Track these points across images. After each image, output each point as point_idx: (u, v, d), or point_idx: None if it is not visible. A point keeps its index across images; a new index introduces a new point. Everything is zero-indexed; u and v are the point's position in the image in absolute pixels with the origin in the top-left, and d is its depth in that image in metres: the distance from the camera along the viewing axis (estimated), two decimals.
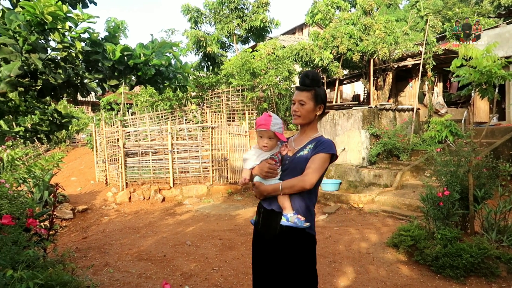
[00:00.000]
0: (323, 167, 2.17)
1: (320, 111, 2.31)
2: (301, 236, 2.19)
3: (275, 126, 2.22)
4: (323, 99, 2.29)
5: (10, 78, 2.05)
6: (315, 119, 2.34)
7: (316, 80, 2.26)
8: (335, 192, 8.50)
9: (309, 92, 2.24)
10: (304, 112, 2.25)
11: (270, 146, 2.25)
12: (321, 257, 4.89)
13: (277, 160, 2.27)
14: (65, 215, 9.06)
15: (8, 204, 3.62)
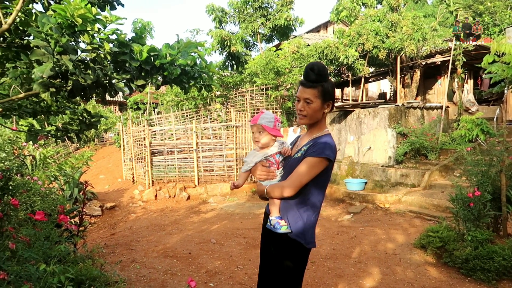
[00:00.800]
0: (310, 172, 1.97)
1: (328, 108, 2.09)
2: (285, 241, 2.06)
3: (263, 120, 2.13)
4: (332, 95, 2.07)
5: (42, 79, 2.12)
6: (323, 117, 2.13)
7: (323, 73, 2.00)
8: (361, 192, 8.38)
9: (315, 88, 2.00)
10: (310, 111, 2.04)
11: (263, 142, 2.15)
12: (346, 257, 4.83)
13: (273, 162, 2.16)
14: (94, 212, 9.32)
15: (40, 201, 3.75)
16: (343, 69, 15.41)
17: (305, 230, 2.06)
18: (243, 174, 2.26)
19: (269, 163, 2.16)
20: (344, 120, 10.16)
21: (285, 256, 2.08)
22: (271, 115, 2.18)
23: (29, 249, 2.15)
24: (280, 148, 2.19)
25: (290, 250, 2.07)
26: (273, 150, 2.17)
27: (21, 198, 2.97)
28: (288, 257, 2.08)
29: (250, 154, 2.25)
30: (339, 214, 7.50)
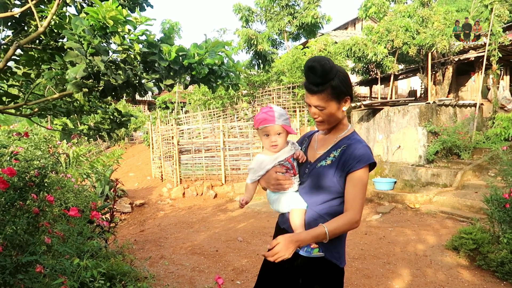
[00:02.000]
0: (365, 188, 1.68)
1: (347, 104, 1.74)
2: (316, 266, 1.72)
3: (281, 118, 1.76)
4: (346, 89, 1.69)
5: (76, 80, 2.19)
6: (344, 115, 1.80)
7: (327, 72, 1.61)
8: (390, 192, 8.22)
9: (323, 92, 1.65)
10: (326, 117, 1.72)
11: (281, 145, 1.79)
12: (374, 258, 4.75)
13: (289, 167, 1.79)
14: (124, 209, 9.55)
15: (73, 198, 3.88)
16: (371, 66, 15.14)
17: (340, 248, 1.78)
18: (251, 186, 1.88)
19: (285, 168, 1.79)
20: (372, 118, 9.98)
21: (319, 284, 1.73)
22: (283, 110, 1.82)
23: (64, 244, 2.22)
24: (293, 150, 1.84)
25: (325, 275, 1.74)
26: (287, 153, 1.81)
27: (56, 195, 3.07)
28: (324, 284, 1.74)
29: (257, 159, 1.86)
30: (367, 214, 7.38)
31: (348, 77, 1.72)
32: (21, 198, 2.19)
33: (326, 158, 1.75)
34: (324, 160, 1.75)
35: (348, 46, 12.68)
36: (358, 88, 18.67)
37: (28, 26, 2.83)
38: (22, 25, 2.81)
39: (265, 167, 1.80)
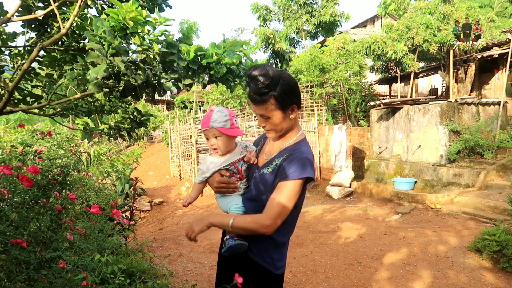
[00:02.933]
0: (293, 199, 1.59)
1: (294, 113, 1.68)
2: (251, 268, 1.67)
3: (216, 121, 1.71)
4: (291, 97, 1.62)
5: (96, 80, 2.23)
6: (294, 122, 1.73)
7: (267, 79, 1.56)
8: (410, 192, 8.08)
9: (266, 103, 1.60)
10: (272, 126, 1.67)
11: (223, 147, 1.75)
12: (394, 259, 4.69)
13: (234, 172, 1.76)
14: (144, 207, 9.69)
15: (94, 196, 3.95)
16: (391, 64, 14.92)
17: (273, 253, 1.69)
18: (197, 186, 1.86)
19: (230, 172, 1.76)
20: (392, 117, 9.83)
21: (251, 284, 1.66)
22: (224, 111, 1.76)
23: (85, 241, 2.27)
24: (243, 154, 1.80)
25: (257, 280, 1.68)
26: (233, 157, 1.78)
27: (78, 193, 3.14)
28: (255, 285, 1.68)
29: (205, 160, 1.85)
30: (386, 214, 7.28)
31: (293, 85, 1.63)
32: (44, 196, 2.24)
33: (269, 166, 1.70)
34: (267, 167, 1.71)
35: (367, 44, 12.54)
36: (377, 87, 18.41)
37: (51, 28, 2.90)
38: (45, 27, 2.88)
39: (211, 169, 1.78)
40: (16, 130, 5.69)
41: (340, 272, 4.37)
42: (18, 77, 2.51)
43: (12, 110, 2.80)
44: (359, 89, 13.65)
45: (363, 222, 6.70)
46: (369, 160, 10.30)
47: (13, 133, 5.06)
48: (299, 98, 1.68)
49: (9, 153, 2.68)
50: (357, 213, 7.52)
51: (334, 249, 5.14)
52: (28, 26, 2.81)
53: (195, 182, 1.86)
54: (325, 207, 8.30)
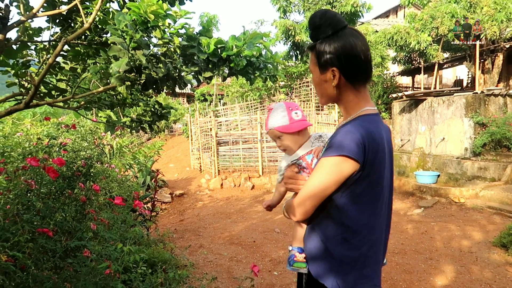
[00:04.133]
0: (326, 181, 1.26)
1: (335, 80, 1.32)
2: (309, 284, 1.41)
3: (272, 121, 1.55)
4: (333, 58, 1.29)
5: (119, 74, 2.26)
6: (343, 91, 1.35)
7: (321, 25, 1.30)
8: (433, 185, 7.93)
9: (311, 53, 1.36)
10: (314, 86, 1.41)
11: (288, 146, 1.55)
12: (415, 253, 4.62)
13: (304, 166, 1.50)
14: (165, 199, 9.84)
15: (117, 187, 4.04)
16: (414, 55, 14.58)
17: (338, 271, 1.32)
18: (279, 187, 1.66)
19: (299, 167, 1.53)
20: (415, 109, 9.64)
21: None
22: (280, 107, 1.57)
23: (109, 231, 2.33)
24: (313, 146, 1.54)
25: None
26: (302, 151, 1.54)
27: (101, 184, 3.21)
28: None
29: (282, 158, 1.64)
30: (408, 208, 7.17)
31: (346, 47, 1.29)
32: (69, 187, 2.31)
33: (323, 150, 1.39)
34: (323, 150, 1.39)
35: (389, 34, 12.28)
36: (399, 78, 18.04)
37: (75, 23, 2.95)
38: (69, 21, 2.94)
39: (282, 167, 1.60)
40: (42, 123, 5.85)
41: None
42: (44, 71, 2.57)
43: (38, 104, 2.87)
44: (381, 81, 13.42)
45: None
46: None
47: (39, 126, 5.21)
48: (347, 64, 1.30)
49: (36, 146, 2.76)
50: None
51: None
52: (53, 21, 2.87)
53: (277, 182, 1.67)
54: None
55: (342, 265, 1.31)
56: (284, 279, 4.02)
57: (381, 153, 1.29)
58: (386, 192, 1.37)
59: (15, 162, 2.57)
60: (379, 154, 1.28)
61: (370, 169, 1.27)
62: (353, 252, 1.30)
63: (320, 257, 1.35)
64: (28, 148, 2.73)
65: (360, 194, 1.28)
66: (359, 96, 1.36)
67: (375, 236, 1.34)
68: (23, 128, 4.94)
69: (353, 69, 1.31)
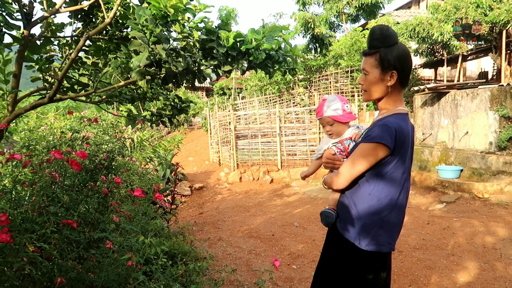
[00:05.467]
0: (362, 162, 1.65)
1: (392, 80, 1.67)
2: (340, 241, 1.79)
3: (328, 110, 1.91)
4: (394, 63, 1.65)
5: (139, 68, 2.29)
6: (390, 93, 1.72)
7: (382, 37, 1.65)
8: (455, 180, 7.76)
9: (372, 56, 1.68)
10: (367, 84, 1.73)
11: (336, 132, 1.94)
12: (437, 249, 4.55)
13: (341, 149, 1.90)
14: (184, 192, 9.95)
15: (138, 180, 4.10)
16: (437, 47, 14.22)
17: (360, 230, 1.71)
18: (315, 162, 2.09)
19: (338, 150, 1.90)
20: (437, 102, 9.42)
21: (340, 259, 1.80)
22: (335, 99, 1.94)
23: (130, 223, 2.37)
24: (352, 134, 1.94)
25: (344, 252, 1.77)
26: (343, 136, 1.94)
27: (122, 177, 3.27)
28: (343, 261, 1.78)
29: (322, 140, 2.06)
30: (430, 203, 7.05)
31: (405, 56, 1.67)
32: (92, 180, 2.36)
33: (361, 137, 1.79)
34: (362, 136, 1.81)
35: (411, 26, 12.00)
36: (421, 71, 17.66)
37: (96, 18, 3.00)
38: (91, 17, 2.98)
39: (323, 147, 1.99)
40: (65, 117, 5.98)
41: None
42: (67, 66, 2.62)
43: (61, 98, 2.94)
44: None
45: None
46: None
47: (63, 120, 5.32)
48: (404, 69, 1.68)
49: (59, 139, 2.82)
50: None
51: None
52: (75, 17, 2.92)
53: (313, 159, 2.11)
54: None
55: (365, 225, 1.70)
56: (303, 273, 4.02)
57: (406, 145, 1.68)
58: (406, 176, 1.73)
59: (40, 155, 2.64)
60: (405, 145, 1.67)
61: (397, 155, 1.65)
62: (374, 216, 1.69)
63: (349, 218, 1.75)
64: (52, 141, 2.80)
65: (386, 173, 1.67)
66: (399, 97, 1.75)
67: (392, 207, 1.70)
68: (47, 122, 5.06)
69: (406, 74, 1.71)
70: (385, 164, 1.66)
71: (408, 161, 1.73)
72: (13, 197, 1.93)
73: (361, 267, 1.73)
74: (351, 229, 1.73)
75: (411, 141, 1.73)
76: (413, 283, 3.73)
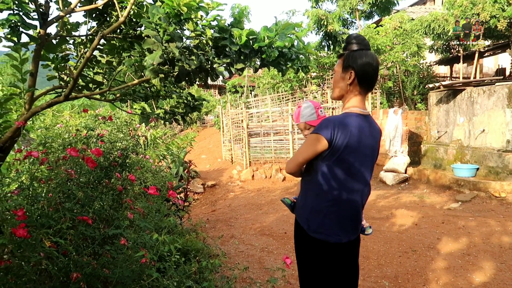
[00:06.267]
0: (307, 150, 1.82)
1: (350, 79, 1.82)
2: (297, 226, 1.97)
3: (304, 117, 2.17)
4: (355, 63, 1.79)
5: (153, 66, 2.31)
6: (350, 91, 1.86)
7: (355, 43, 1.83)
8: (471, 179, 7.63)
9: (340, 58, 1.89)
10: (333, 82, 1.92)
11: None
12: (452, 248, 4.48)
13: None
14: (197, 189, 10.01)
15: (151, 177, 4.14)
16: (452, 43, 13.99)
17: (309, 215, 1.88)
18: None
19: None
20: (453, 100, 9.28)
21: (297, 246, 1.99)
22: (310, 106, 2.19)
23: (144, 220, 2.39)
24: None
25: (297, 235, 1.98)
26: None
27: (136, 174, 3.30)
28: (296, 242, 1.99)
29: None
30: (444, 202, 6.95)
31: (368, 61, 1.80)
32: (106, 177, 2.38)
33: None
34: None
35: (426, 22, 11.84)
36: (436, 68, 17.39)
37: (110, 17, 3.03)
38: (105, 16, 3.01)
39: None
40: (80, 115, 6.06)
41: (394, 259, 4.27)
42: (82, 64, 2.66)
43: (76, 96, 2.98)
44: (417, 71, 12.98)
45: (419, 209, 6.46)
46: (427, 145, 9.84)
47: (78, 117, 5.40)
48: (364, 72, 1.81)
49: (74, 137, 2.87)
50: (413, 200, 7.25)
51: (387, 236, 5.01)
52: (89, 16, 2.95)
53: None
54: (378, 193, 8.09)
55: (312, 212, 1.86)
56: None
57: (352, 142, 1.76)
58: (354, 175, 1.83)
59: (56, 152, 2.68)
60: (349, 142, 1.76)
61: (337, 151, 1.76)
62: (320, 205, 1.83)
63: (302, 204, 1.95)
64: (67, 139, 2.84)
65: (331, 165, 1.79)
66: (358, 98, 1.86)
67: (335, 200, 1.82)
68: (62, 120, 5.14)
69: (366, 78, 1.83)
70: (326, 157, 1.79)
71: (358, 161, 1.81)
72: (30, 193, 1.97)
73: (311, 254, 1.87)
74: (303, 214, 1.91)
75: (365, 140, 1.82)
76: (427, 282, 3.69)
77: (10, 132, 2.49)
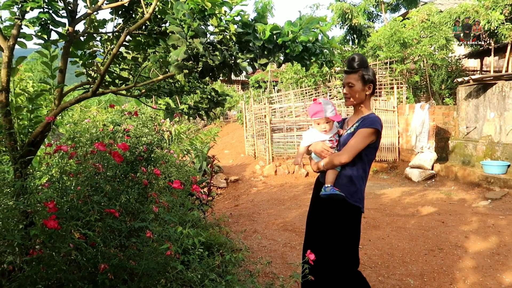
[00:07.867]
0: (364, 141, 2.32)
1: (369, 90, 2.43)
2: (340, 205, 2.36)
3: (327, 112, 2.46)
4: (372, 79, 2.41)
5: (177, 62, 2.33)
6: (367, 99, 2.47)
7: (362, 62, 2.38)
8: (502, 176, 7.39)
9: (356, 73, 2.38)
10: (353, 93, 2.41)
11: (329, 129, 2.51)
12: (481, 247, 4.36)
13: (334, 141, 2.52)
14: (220, 184, 10.09)
15: (176, 172, 4.20)
16: (483, 36, 13.52)
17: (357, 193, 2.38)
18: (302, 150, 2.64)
19: (331, 142, 2.51)
20: (483, 94, 8.98)
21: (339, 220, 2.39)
22: (330, 103, 2.52)
23: (168, 213, 2.43)
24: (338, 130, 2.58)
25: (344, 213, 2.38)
26: (333, 132, 2.55)
27: (161, 169, 3.35)
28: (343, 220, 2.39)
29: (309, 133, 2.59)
30: (473, 200, 6.76)
31: (375, 74, 2.47)
32: (132, 171, 2.44)
33: (351, 128, 2.45)
34: (347, 132, 2.47)
35: (455, 14, 11.48)
36: (465, 61, 16.84)
37: (135, 14, 3.07)
38: (131, 13, 3.06)
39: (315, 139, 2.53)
40: (106, 110, 6.20)
41: (419, 257, 4.19)
42: (109, 61, 2.71)
43: (103, 92, 3.04)
44: (445, 65, 12.62)
45: (446, 206, 6.30)
46: (455, 141, 9.58)
47: (104, 113, 5.53)
48: (375, 82, 2.46)
49: (102, 131, 2.94)
50: (440, 197, 7.08)
51: (412, 234, 4.92)
52: (116, 13, 3.00)
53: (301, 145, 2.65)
54: (404, 190, 7.94)
55: (358, 191, 2.40)
56: None
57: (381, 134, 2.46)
58: None
59: (84, 146, 2.76)
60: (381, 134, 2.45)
61: (378, 141, 2.43)
62: (363, 186, 2.44)
63: (350, 186, 2.39)
64: (95, 134, 2.91)
65: (371, 153, 2.43)
66: (371, 102, 2.58)
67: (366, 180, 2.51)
68: (90, 115, 5.27)
69: (375, 87, 2.48)
70: (370, 147, 2.38)
71: None
72: (60, 186, 2.03)
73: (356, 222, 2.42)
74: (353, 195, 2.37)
75: None
76: (454, 282, 3.61)
77: (40, 127, 2.57)
